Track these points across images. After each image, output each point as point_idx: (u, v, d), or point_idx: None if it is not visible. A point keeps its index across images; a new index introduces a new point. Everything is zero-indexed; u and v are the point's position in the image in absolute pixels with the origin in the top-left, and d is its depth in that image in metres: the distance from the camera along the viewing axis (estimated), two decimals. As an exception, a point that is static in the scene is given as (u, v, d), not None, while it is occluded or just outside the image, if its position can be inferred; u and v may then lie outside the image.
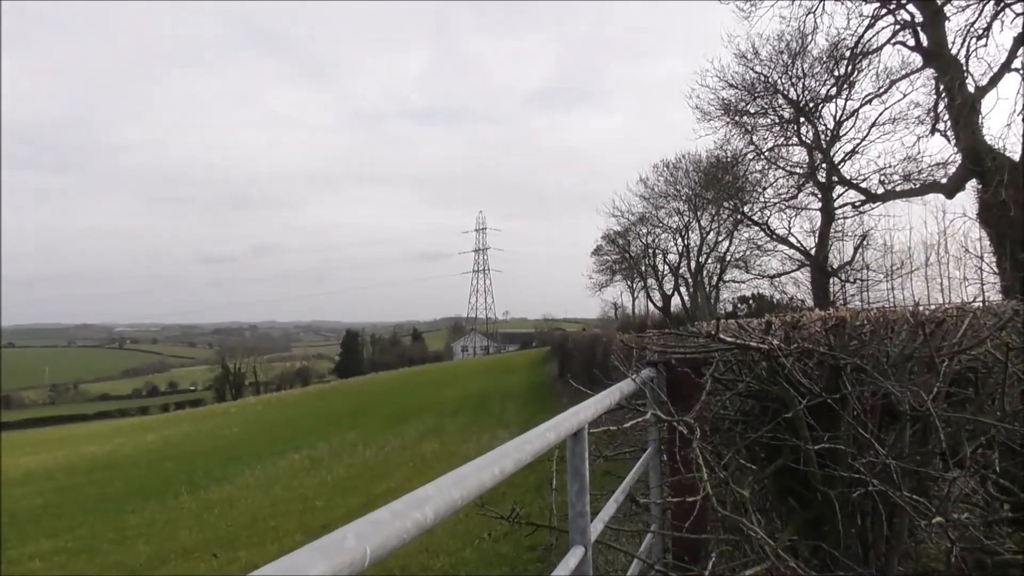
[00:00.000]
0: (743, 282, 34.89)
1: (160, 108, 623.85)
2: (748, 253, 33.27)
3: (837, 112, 22.06)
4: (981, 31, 15.03)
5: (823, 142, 22.57)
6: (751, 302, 32.90)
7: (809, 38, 19.58)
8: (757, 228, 28.10)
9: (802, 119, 22.50)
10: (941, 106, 16.82)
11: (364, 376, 69.14)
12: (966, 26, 15.28)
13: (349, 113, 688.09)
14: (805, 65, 20.91)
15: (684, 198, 35.17)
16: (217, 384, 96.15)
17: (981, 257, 16.61)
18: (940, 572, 2.90)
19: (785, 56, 20.95)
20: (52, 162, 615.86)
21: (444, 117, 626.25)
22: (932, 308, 3.41)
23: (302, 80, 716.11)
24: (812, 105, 21.83)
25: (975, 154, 14.72)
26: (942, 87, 16.02)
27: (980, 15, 15.02)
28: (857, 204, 22.19)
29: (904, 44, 17.16)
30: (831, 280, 23.91)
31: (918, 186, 20.05)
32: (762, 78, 21.89)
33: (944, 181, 18.33)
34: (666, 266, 39.72)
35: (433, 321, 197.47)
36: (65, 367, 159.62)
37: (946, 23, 15.56)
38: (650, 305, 42.64)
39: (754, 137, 23.45)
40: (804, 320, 3.33)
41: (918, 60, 17.57)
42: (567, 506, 2.21)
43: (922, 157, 20.27)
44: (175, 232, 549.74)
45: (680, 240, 37.50)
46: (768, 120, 23.09)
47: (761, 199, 25.91)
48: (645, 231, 38.98)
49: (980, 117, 14.99)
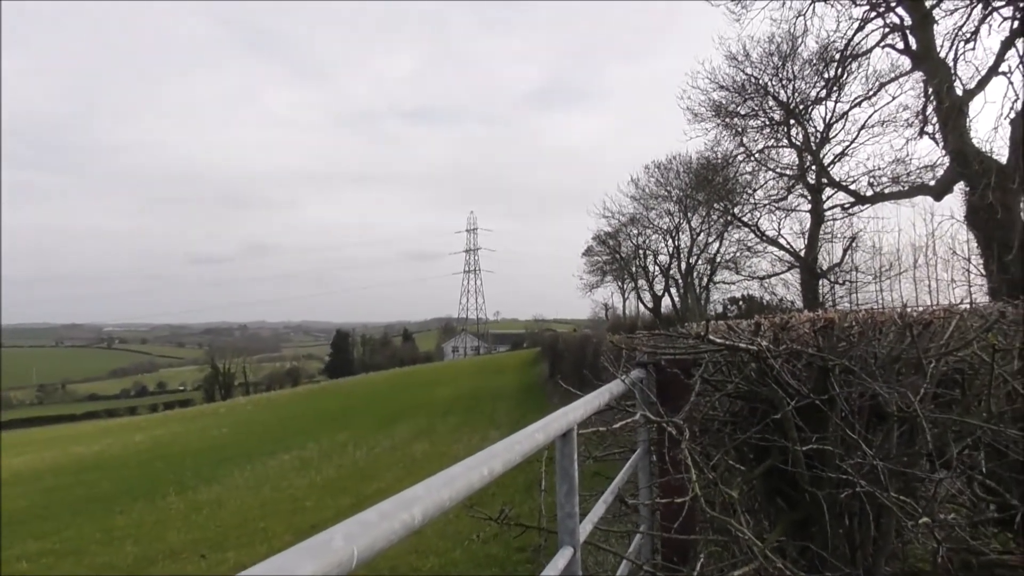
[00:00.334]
0: (733, 283, 35.08)
1: (153, 108, 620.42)
2: (738, 254, 33.50)
3: (827, 114, 22.24)
4: (969, 35, 15.16)
5: (813, 144, 22.69)
6: (741, 303, 33.04)
7: (799, 40, 19.73)
8: (747, 229, 28.31)
9: (792, 121, 22.61)
10: (929, 109, 16.94)
11: (354, 377, 68.97)
12: (954, 30, 15.43)
13: (342, 113, 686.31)
14: (795, 67, 21.05)
15: (675, 199, 35.30)
16: (206, 384, 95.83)
17: (968, 259, 16.75)
18: (926, 572, 2.92)
19: (775, 58, 21.09)
20: (42, 161, 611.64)
21: (438, 117, 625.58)
22: (919, 310, 3.43)
23: (296, 80, 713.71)
24: (802, 107, 21.95)
25: (963, 157, 14.82)
26: (930, 90, 16.13)
27: (968, 19, 15.16)
28: (846, 206, 22.33)
29: (893, 47, 17.30)
30: (820, 282, 24.04)
31: (906, 188, 20.18)
32: (753, 80, 22.01)
33: (932, 184, 18.46)
34: (656, 267, 39.86)
35: (424, 321, 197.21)
36: (53, 367, 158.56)
37: (934, 27, 15.68)
38: (640, 306, 42.78)
39: (744, 139, 23.58)
40: (793, 321, 3.35)
41: (907, 63, 17.71)
42: (556, 507, 2.21)
43: (911, 159, 20.46)
44: (165, 232, 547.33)
45: (671, 241, 37.65)
46: (758, 122, 23.22)
47: (751, 200, 26.07)
48: (636, 232, 39.10)
49: (968, 120, 15.10)
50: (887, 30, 17.00)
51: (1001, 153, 14.33)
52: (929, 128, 17.47)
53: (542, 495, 2.92)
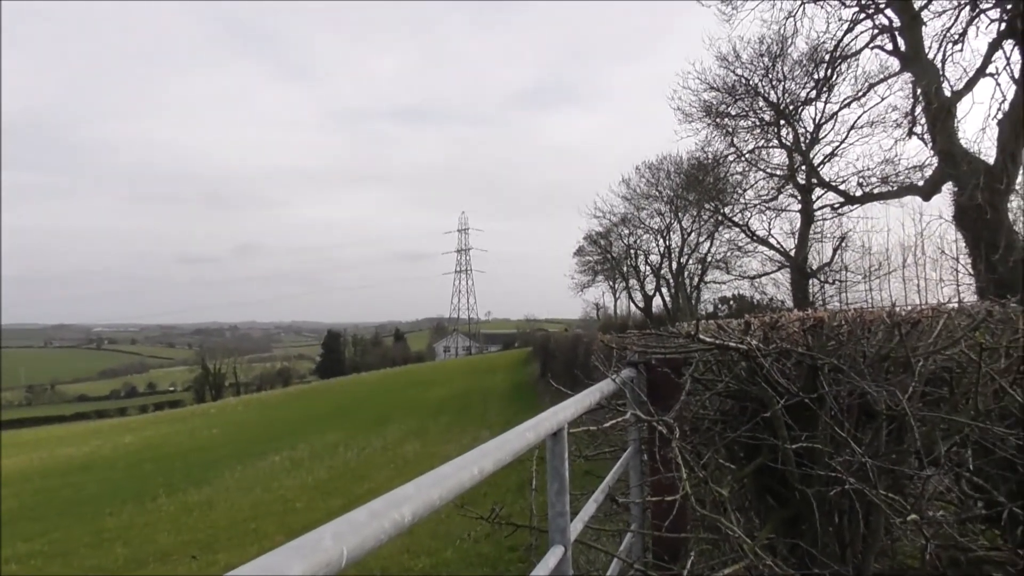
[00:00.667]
0: (724, 283, 35.17)
1: (143, 108, 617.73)
2: (729, 254, 33.57)
3: (816, 115, 22.27)
4: (957, 36, 15.27)
5: (803, 144, 22.76)
6: (732, 303, 33.13)
7: (789, 41, 19.77)
8: (738, 229, 28.33)
9: (782, 121, 22.66)
10: (918, 110, 17.05)
11: (346, 377, 68.81)
12: (942, 31, 15.53)
13: (333, 112, 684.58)
14: (785, 68, 21.08)
15: (665, 199, 35.39)
16: (197, 385, 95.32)
17: (956, 259, 16.81)
18: (915, 569, 2.94)
19: (766, 59, 21.11)
20: (30, 160, 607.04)
21: (430, 117, 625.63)
22: (908, 309, 3.45)
23: (287, 79, 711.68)
24: (792, 108, 22.00)
25: (951, 157, 14.91)
26: (919, 91, 16.21)
27: (956, 21, 15.28)
28: (836, 206, 22.40)
29: (882, 48, 17.37)
30: (810, 281, 24.12)
31: (895, 188, 20.25)
32: (743, 80, 22.03)
33: (921, 184, 18.54)
34: (648, 267, 39.96)
35: (415, 322, 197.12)
36: (42, 368, 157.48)
37: (923, 28, 15.77)
38: (632, 306, 42.86)
39: (735, 139, 23.59)
40: (782, 321, 3.36)
41: (896, 64, 17.79)
42: (547, 506, 2.21)
43: (899, 160, 20.49)
44: (155, 232, 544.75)
45: (661, 241, 37.75)
46: (749, 122, 23.25)
47: (742, 201, 26.10)
48: (627, 232, 39.19)
49: (956, 121, 15.19)
50: (876, 31, 17.09)
51: (989, 154, 14.44)
52: (918, 129, 17.59)
53: (533, 494, 2.92)
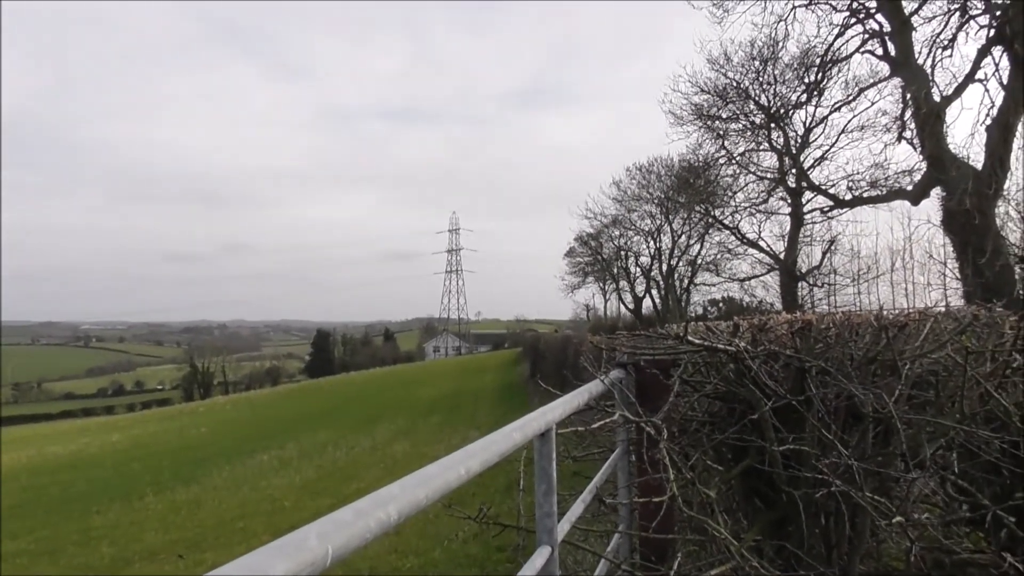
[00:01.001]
0: (713, 285, 35.23)
1: (131, 104, 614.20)
2: (719, 257, 33.67)
3: (807, 119, 22.34)
4: (946, 42, 15.38)
5: (793, 148, 22.84)
6: (721, 305, 33.24)
7: (780, 45, 19.85)
8: (728, 232, 28.41)
9: (773, 125, 22.75)
10: (907, 114, 17.12)
11: (335, 376, 68.63)
12: (932, 37, 15.63)
13: (324, 112, 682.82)
14: (776, 72, 21.16)
15: (656, 201, 35.41)
16: (185, 383, 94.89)
17: (944, 263, 16.88)
18: (900, 571, 2.95)
19: (757, 62, 21.18)
20: (17, 157, 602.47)
21: (421, 117, 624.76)
22: (895, 312, 3.47)
23: (278, 79, 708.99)
24: (783, 111, 22.07)
25: (940, 162, 15.00)
26: (909, 96, 16.31)
27: (946, 26, 15.38)
28: (825, 209, 22.48)
29: (872, 53, 17.48)
30: (799, 284, 24.21)
31: (884, 192, 20.34)
32: (734, 84, 22.11)
33: (910, 188, 18.63)
34: (638, 269, 39.97)
35: (405, 321, 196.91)
36: (28, 365, 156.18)
37: (913, 33, 15.86)
38: (622, 307, 42.91)
39: (725, 142, 23.65)
40: (771, 323, 3.37)
41: (886, 69, 17.89)
42: (535, 507, 2.21)
43: (889, 164, 20.59)
44: (144, 230, 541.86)
45: (652, 243, 37.76)
46: (739, 125, 23.31)
47: (732, 203, 26.17)
48: (617, 233, 39.17)
49: (945, 126, 15.27)
50: (867, 36, 17.19)
51: (977, 159, 14.52)
52: (907, 133, 17.67)
53: (521, 495, 2.93)
